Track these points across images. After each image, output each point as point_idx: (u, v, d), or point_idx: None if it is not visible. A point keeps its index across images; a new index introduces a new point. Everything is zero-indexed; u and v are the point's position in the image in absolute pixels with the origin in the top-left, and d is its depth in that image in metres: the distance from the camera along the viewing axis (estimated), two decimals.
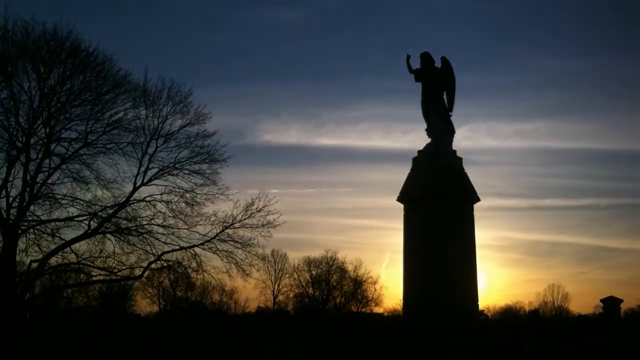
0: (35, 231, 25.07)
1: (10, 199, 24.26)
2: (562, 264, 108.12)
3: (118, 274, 27.31)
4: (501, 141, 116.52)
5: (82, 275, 27.60)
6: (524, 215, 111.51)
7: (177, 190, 26.73)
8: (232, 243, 27.11)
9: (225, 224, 27.05)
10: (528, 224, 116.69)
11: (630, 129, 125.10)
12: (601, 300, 41.42)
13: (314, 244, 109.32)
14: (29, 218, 24.93)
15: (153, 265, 27.29)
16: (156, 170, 26.53)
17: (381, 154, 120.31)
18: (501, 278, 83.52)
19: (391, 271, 76.01)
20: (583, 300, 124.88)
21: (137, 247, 26.36)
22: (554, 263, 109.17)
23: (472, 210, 16.13)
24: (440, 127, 16.40)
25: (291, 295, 66.08)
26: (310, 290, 64.51)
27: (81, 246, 26.09)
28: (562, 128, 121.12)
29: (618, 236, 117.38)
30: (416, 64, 16.86)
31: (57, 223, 25.56)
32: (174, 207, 26.71)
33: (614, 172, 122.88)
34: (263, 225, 27.14)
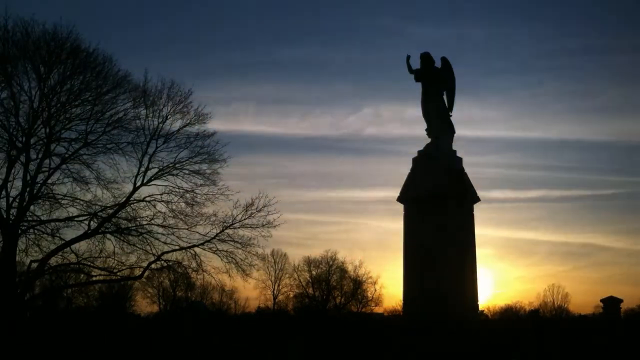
0: (35, 231, 25.12)
1: (10, 199, 24.31)
2: (541, 262, 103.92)
3: (118, 274, 27.37)
4: (409, 128, 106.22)
5: (82, 275, 27.64)
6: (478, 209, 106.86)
7: (177, 190, 26.82)
8: (232, 243, 27.19)
9: (225, 224, 27.13)
10: (484, 218, 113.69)
11: (541, 112, 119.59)
12: (601, 300, 41.36)
13: (277, 241, 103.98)
14: (29, 218, 24.98)
15: (153, 265, 27.35)
16: (156, 170, 26.61)
17: (276, 141, 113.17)
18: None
19: (367, 269, 71.95)
20: (581, 299, 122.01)
21: (137, 247, 26.44)
22: (533, 261, 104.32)
23: (472, 210, 16.15)
24: (440, 127, 16.40)
25: (291, 295, 66.19)
26: (310, 290, 64.56)
27: (81, 246, 26.18)
28: (475, 112, 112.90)
29: (586, 231, 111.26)
30: (416, 64, 16.86)
31: (57, 223, 25.64)
32: (174, 207, 26.80)
33: (554, 162, 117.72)
34: (263, 225, 27.23)
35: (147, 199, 26.55)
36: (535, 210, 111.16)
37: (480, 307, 17.60)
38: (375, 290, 64.25)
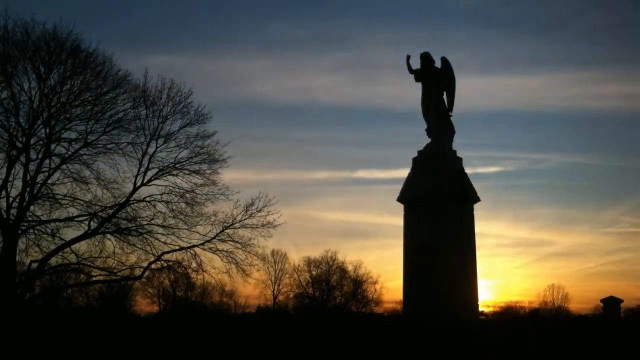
0: (35, 231, 25.14)
1: (10, 199, 24.31)
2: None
3: (118, 274, 27.39)
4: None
5: (82, 276, 27.66)
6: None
7: (177, 190, 26.82)
8: (232, 243, 27.20)
9: (225, 224, 27.13)
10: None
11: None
12: (601, 300, 41.43)
13: None
14: (29, 218, 24.99)
15: (153, 266, 27.38)
16: (156, 170, 26.61)
17: None
18: None
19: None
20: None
21: (137, 247, 26.46)
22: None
23: (472, 210, 16.16)
24: (440, 127, 16.41)
25: (291, 295, 66.24)
26: (310, 290, 64.60)
27: (81, 246, 26.20)
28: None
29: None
30: (416, 64, 16.86)
31: (57, 223, 25.67)
32: (174, 207, 26.80)
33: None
34: (263, 226, 27.22)
35: (147, 199, 26.55)
36: None
37: (480, 307, 17.63)
38: (375, 290, 64.43)
